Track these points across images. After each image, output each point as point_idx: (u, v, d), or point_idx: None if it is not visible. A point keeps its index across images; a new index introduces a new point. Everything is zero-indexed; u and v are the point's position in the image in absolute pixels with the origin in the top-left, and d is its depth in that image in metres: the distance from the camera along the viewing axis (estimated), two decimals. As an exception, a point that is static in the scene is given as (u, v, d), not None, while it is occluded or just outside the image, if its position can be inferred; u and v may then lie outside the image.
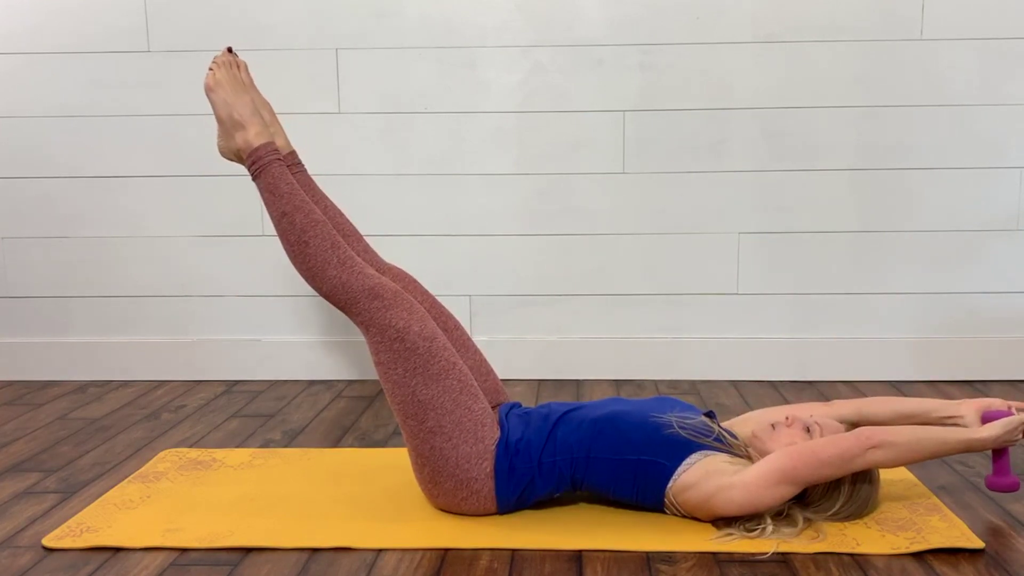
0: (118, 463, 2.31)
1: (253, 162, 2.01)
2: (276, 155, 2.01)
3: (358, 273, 1.93)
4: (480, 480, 1.89)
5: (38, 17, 2.96)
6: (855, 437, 1.78)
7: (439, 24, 2.92)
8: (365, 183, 3.01)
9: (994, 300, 2.97)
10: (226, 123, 2.06)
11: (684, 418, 1.90)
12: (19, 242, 3.08)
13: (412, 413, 1.89)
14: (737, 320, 3.02)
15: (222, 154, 2.12)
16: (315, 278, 1.95)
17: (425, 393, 1.88)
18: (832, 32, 2.87)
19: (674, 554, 1.77)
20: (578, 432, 1.91)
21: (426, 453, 1.89)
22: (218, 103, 2.06)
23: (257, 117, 2.05)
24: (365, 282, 1.92)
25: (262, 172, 2.00)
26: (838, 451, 1.76)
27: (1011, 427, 1.86)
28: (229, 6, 2.93)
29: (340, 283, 1.92)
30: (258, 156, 2.01)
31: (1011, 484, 1.93)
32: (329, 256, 1.93)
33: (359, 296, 1.92)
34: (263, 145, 2.02)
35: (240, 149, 2.05)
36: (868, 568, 1.70)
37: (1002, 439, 1.86)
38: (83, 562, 1.77)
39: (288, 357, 3.09)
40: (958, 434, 1.84)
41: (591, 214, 2.99)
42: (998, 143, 2.90)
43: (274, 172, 1.99)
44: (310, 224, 1.95)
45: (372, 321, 1.91)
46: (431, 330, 1.92)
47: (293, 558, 1.78)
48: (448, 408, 1.88)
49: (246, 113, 2.04)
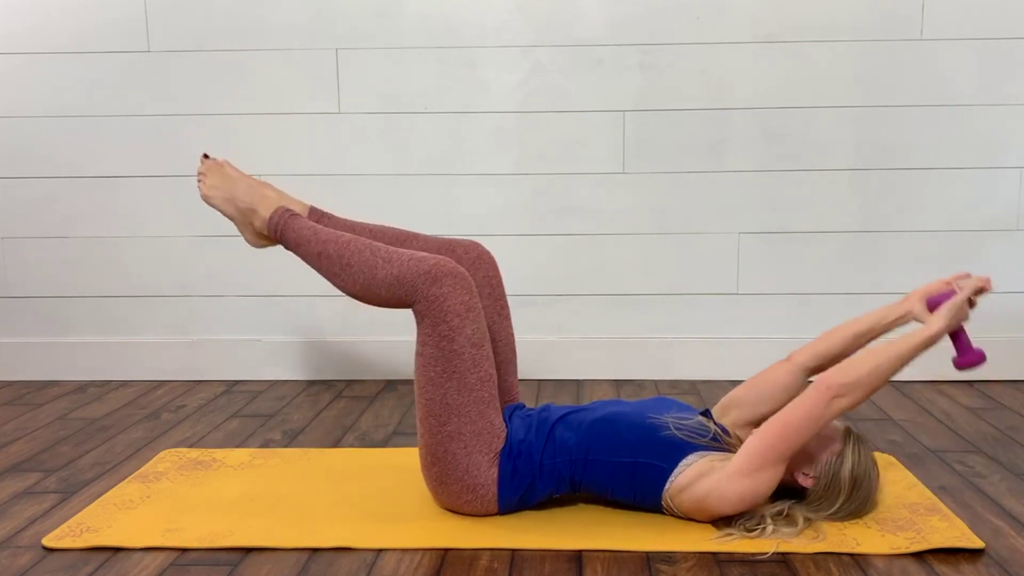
0: (118, 463, 2.31)
1: (273, 231, 2.01)
2: (288, 212, 2.01)
3: (407, 261, 1.87)
4: (486, 486, 1.89)
5: (38, 17, 2.96)
6: (815, 392, 1.76)
7: (439, 24, 2.92)
8: (365, 183, 3.01)
9: (994, 300, 2.97)
10: (238, 217, 2.07)
11: (680, 419, 1.90)
12: (19, 242, 3.08)
13: (436, 414, 1.88)
14: (737, 320, 3.02)
15: (255, 246, 2.11)
16: (371, 290, 1.90)
17: (456, 399, 1.86)
18: (832, 32, 2.87)
19: (674, 554, 1.77)
20: (577, 434, 1.91)
21: (439, 455, 1.88)
22: (221, 204, 2.07)
23: (260, 195, 2.05)
24: (419, 267, 1.86)
25: (283, 234, 2.00)
26: (804, 412, 1.76)
27: (956, 308, 1.85)
28: (229, 6, 2.94)
29: (394, 279, 1.87)
30: (274, 224, 2.01)
31: (977, 357, 1.91)
32: (373, 261, 1.89)
33: (417, 283, 1.85)
34: (274, 212, 2.02)
35: (260, 230, 2.06)
36: (868, 568, 1.70)
37: (953, 323, 1.86)
38: (83, 562, 1.77)
39: (288, 357, 3.09)
40: (912, 339, 1.82)
41: (591, 214, 2.99)
42: (998, 143, 2.90)
43: (292, 227, 1.99)
44: (342, 247, 1.92)
45: (430, 311, 1.85)
46: (481, 335, 1.88)
47: (293, 558, 1.78)
48: (472, 418, 1.87)
49: (248, 198, 2.05)
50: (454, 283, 1.85)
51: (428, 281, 1.84)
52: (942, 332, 1.84)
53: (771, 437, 1.77)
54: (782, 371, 2.03)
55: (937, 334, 1.84)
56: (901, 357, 1.80)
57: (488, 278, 2.07)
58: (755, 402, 2.02)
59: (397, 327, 2.99)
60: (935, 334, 1.84)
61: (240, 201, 2.05)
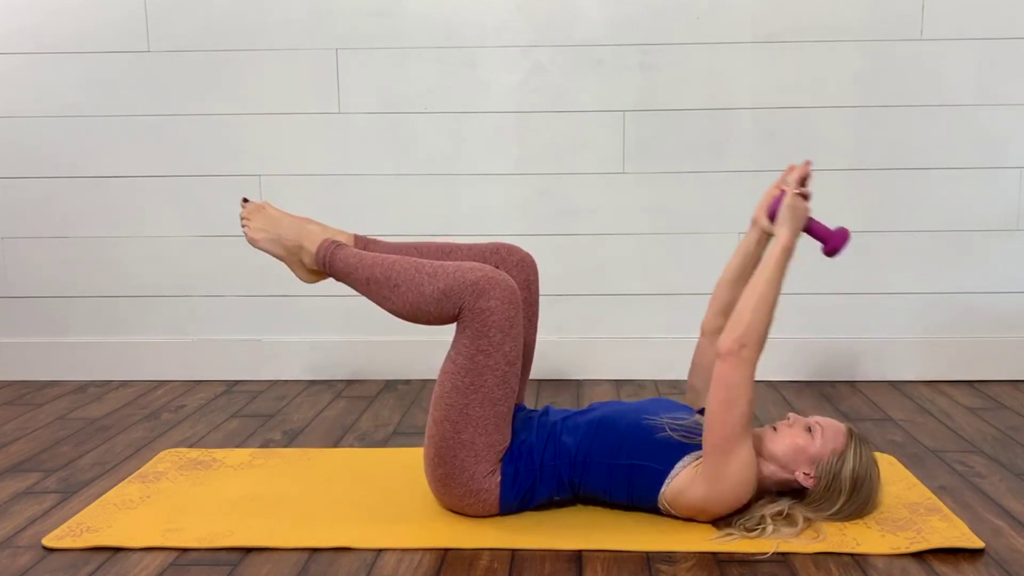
0: (118, 463, 2.31)
1: (321, 264, 1.99)
2: (334, 244, 1.99)
3: (453, 273, 1.85)
4: (489, 490, 1.89)
5: (38, 17, 2.96)
6: (721, 361, 1.77)
7: (439, 24, 2.92)
8: (365, 183, 3.01)
9: (994, 300, 2.97)
10: (286, 256, 2.05)
11: (676, 419, 1.90)
12: (19, 242, 3.08)
13: (454, 420, 1.87)
14: (737, 320, 3.01)
15: (308, 282, 2.09)
16: (420, 308, 1.88)
17: (477, 411, 1.86)
18: (832, 32, 2.87)
19: (674, 554, 1.77)
20: (575, 436, 1.91)
21: (447, 459, 1.88)
22: (268, 246, 2.05)
23: (304, 231, 2.03)
24: (464, 278, 1.84)
25: (331, 265, 1.98)
26: (726, 384, 1.76)
27: (791, 208, 1.86)
28: (229, 6, 2.93)
29: (441, 293, 1.85)
30: (321, 257, 1.99)
31: (840, 237, 1.91)
32: (419, 278, 1.87)
33: (464, 295, 1.83)
34: (320, 245, 2.00)
35: (310, 265, 2.04)
36: (868, 568, 1.70)
37: (796, 223, 1.86)
38: (83, 562, 1.77)
39: (288, 357, 3.09)
40: (770, 259, 1.83)
41: (591, 214, 2.99)
42: (998, 143, 2.90)
43: (339, 257, 1.97)
44: (388, 268, 1.91)
45: (473, 323, 1.83)
46: (517, 353, 1.88)
47: (293, 558, 1.78)
48: (489, 430, 1.87)
49: (293, 235, 2.03)
50: (501, 296, 1.83)
51: (475, 294, 1.83)
52: (791, 236, 1.85)
53: (716, 426, 1.77)
54: (703, 347, 2.08)
55: (787, 240, 1.85)
56: (772, 280, 1.81)
57: (528, 282, 2.07)
58: (704, 385, 2.04)
59: (397, 327, 2.97)
60: (785, 243, 1.85)
61: (286, 240, 2.04)
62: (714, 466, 1.78)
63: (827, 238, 1.92)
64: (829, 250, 1.92)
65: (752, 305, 1.78)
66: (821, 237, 1.92)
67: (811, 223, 1.91)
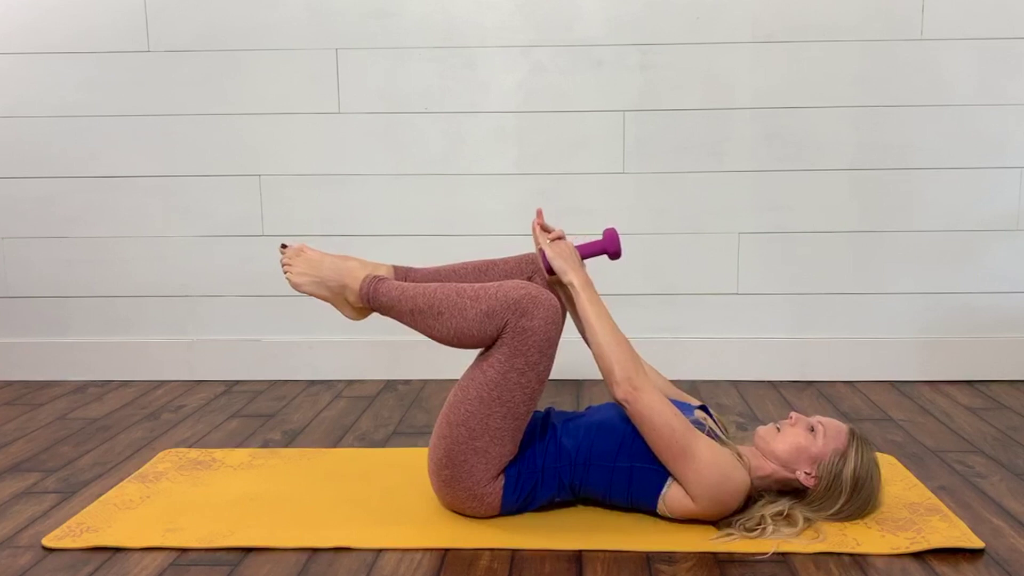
0: (118, 463, 2.31)
1: (366, 300, 1.99)
2: (376, 279, 1.98)
3: (495, 294, 1.85)
4: (493, 494, 1.90)
5: (38, 17, 2.96)
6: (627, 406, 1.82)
7: (439, 24, 2.92)
8: (365, 183, 3.01)
9: (994, 300, 2.97)
10: (332, 297, 2.04)
11: None
12: (19, 242, 3.08)
13: (471, 427, 1.86)
14: (737, 320, 3.02)
15: (356, 319, 2.09)
16: (465, 332, 1.87)
17: (498, 423, 1.86)
18: (832, 32, 2.87)
19: (674, 554, 1.77)
20: (575, 438, 1.91)
21: (457, 463, 1.88)
22: (313, 289, 2.04)
23: (345, 270, 2.02)
24: (508, 297, 1.84)
25: (375, 300, 1.97)
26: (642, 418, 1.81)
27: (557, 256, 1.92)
28: (229, 6, 2.93)
29: (484, 315, 1.85)
30: (364, 294, 1.98)
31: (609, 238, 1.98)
32: (461, 302, 1.87)
33: (507, 316, 1.83)
34: (362, 283, 1.99)
35: (355, 303, 2.03)
36: (868, 568, 1.70)
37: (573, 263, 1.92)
38: (83, 562, 1.77)
39: (288, 357, 3.09)
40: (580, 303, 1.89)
41: (591, 214, 2.99)
42: (998, 143, 2.90)
43: (382, 291, 1.96)
44: (430, 297, 1.90)
45: (514, 341, 1.83)
46: (548, 372, 1.88)
47: (293, 558, 1.78)
48: (504, 441, 1.87)
49: (336, 275, 2.02)
50: (544, 316, 1.84)
51: (518, 313, 1.83)
52: (579, 277, 1.91)
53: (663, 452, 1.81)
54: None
55: (578, 280, 1.91)
56: (599, 315, 1.88)
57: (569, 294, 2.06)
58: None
59: (397, 327, 2.98)
60: (579, 284, 1.90)
61: (330, 281, 2.03)
62: (691, 482, 1.80)
63: (603, 249, 1.99)
64: (612, 255, 2.00)
65: (604, 347, 1.84)
66: (599, 252, 1.99)
67: (582, 250, 1.98)
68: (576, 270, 1.91)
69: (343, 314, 2.08)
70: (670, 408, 1.81)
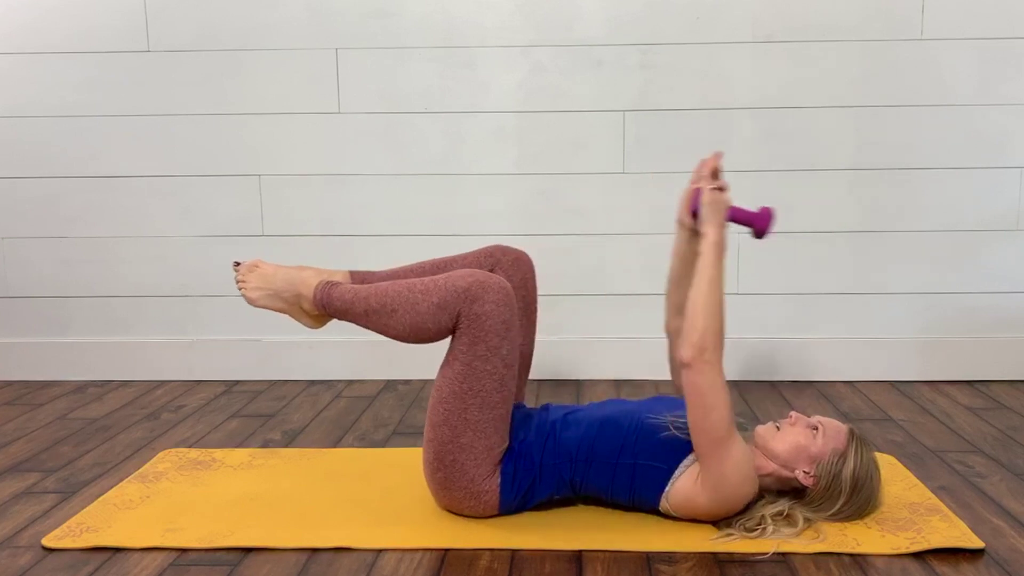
0: (118, 463, 2.31)
1: (320, 307, 2.00)
2: (328, 284, 1.99)
3: (444, 286, 1.86)
4: (489, 492, 1.89)
5: (38, 17, 2.96)
6: (686, 372, 1.77)
7: (439, 24, 2.92)
8: (365, 183, 3.01)
9: (994, 300, 2.97)
10: (288, 308, 2.06)
11: (679, 417, 1.90)
12: (19, 242, 3.08)
13: (452, 425, 1.87)
14: (737, 320, 3.01)
15: (315, 327, 2.09)
16: (420, 327, 1.87)
17: (475, 415, 1.86)
18: (832, 32, 2.87)
19: (674, 554, 1.77)
20: (577, 434, 1.91)
21: (447, 463, 1.88)
22: (268, 302, 2.05)
23: (299, 280, 2.03)
24: (457, 286, 1.84)
25: (328, 305, 1.98)
26: (698, 392, 1.76)
27: (711, 204, 1.86)
28: (229, 6, 2.93)
29: (436, 307, 1.85)
30: (317, 299, 1.99)
31: (766, 215, 1.91)
32: (412, 297, 1.87)
33: (459, 305, 1.84)
34: (316, 289, 2.00)
35: (311, 311, 2.04)
36: (868, 568, 1.70)
37: (718, 216, 1.86)
38: (83, 562, 1.77)
39: (288, 357, 3.09)
40: (705, 259, 1.82)
41: (591, 214, 2.99)
42: (998, 143, 2.90)
43: (334, 296, 1.97)
44: (383, 296, 1.91)
45: (470, 329, 1.84)
46: (514, 355, 1.88)
47: (293, 558, 1.78)
48: (487, 433, 1.87)
49: (289, 285, 2.03)
50: (495, 299, 1.84)
51: (469, 299, 1.83)
52: (719, 231, 1.85)
53: (700, 435, 1.78)
54: (674, 348, 2.08)
55: (715, 236, 1.84)
56: (712, 279, 1.81)
57: (524, 280, 2.08)
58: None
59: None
60: (714, 239, 1.84)
61: (284, 292, 2.04)
62: (711, 473, 1.79)
63: (752, 221, 1.91)
64: (757, 232, 1.92)
65: (700, 309, 1.79)
66: (747, 222, 1.92)
67: (734, 212, 1.91)
68: (718, 225, 1.85)
69: (302, 324, 2.09)
70: (728, 396, 1.78)
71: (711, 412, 1.76)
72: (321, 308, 2.00)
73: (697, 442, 1.79)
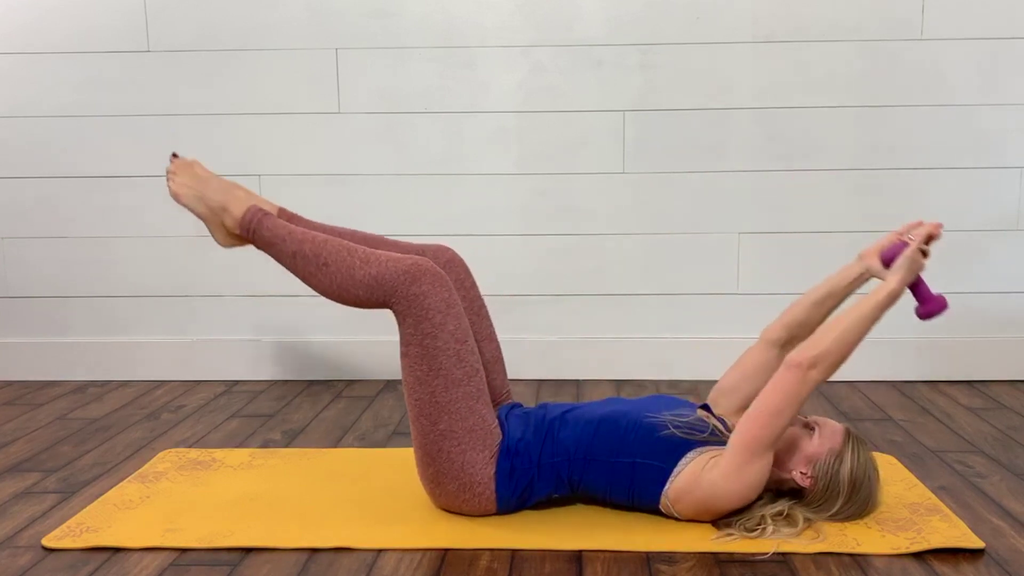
0: (118, 463, 2.31)
1: (246, 230, 2.00)
2: (261, 212, 2.00)
3: (385, 262, 1.88)
4: (483, 484, 1.89)
5: (38, 17, 2.96)
6: (787, 371, 1.76)
7: (439, 24, 2.92)
8: (365, 183, 3.01)
9: (994, 300, 2.97)
10: (208, 216, 2.06)
11: (678, 416, 1.90)
12: (19, 242, 3.08)
13: (427, 413, 1.88)
14: (737, 320, 3.01)
15: (225, 246, 2.10)
16: (349, 290, 1.90)
17: (444, 396, 1.87)
18: (832, 32, 2.87)
19: (674, 554, 1.77)
20: (575, 433, 1.91)
21: (433, 454, 1.89)
22: (191, 203, 2.06)
23: (231, 195, 2.04)
24: (397, 266, 1.87)
25: (257, 232, 1.99)
26: (782, 393, 1.75)
27: (911, 260, 1.84)
28: (229, 6, 2.93)
29: (372, 279, 1.87)
30: (246, 222, 2.00)
31: (939, 305, 1.89)
32: (350, 261, 1.90)
33: (397, 283, 1.86)
34: (246, 211, 2.01)
35: (231, 228, 2.04)
36: (868, 568, 1.70)
37: (910, 275, 1.85)
38: (83, 562, 1.77)
39: (288, 357, 3.09)
40: (873, 298, 1.81)
41: (591, 214, 2.99)
42: (998, 143, 2.90)
43: (266, 225, 1.98)
44: (319, 246, 1.92)
45: (411, 310, 1.86)
46: (464, 331, 1.89)
47: (293, 558, 1.78)
48: (463, 414, 1.87)
49: (219, 197, 2.04)
50: (433, 281, 1.86)
51: (408, 280, 1.86)
52: (902, 286, 1.84)
53: (754, 426, 1.76)
54: (756, 351, 2.05)
55: (897, 288, 1.83)
56: (867, 318, 1.79)
57: (461, 280, 2.09)
58: (737, 387, 2.04)
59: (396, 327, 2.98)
60: (895, 289, 1.83)
61: (211, 200, 2.04)
62: (736, 463, 1.77)
63: (927, 300, 1.91)
64: (924, 313, 1.91)
65: (837, 333, 1.77)
66: (921, 297, 1.91)
67: (919, 280, 1.90)
68: (904, 280, 1.83)
69: (214, 238, 2.08)
70: (795, 415, 1.77)
71: (778, 416, 1.75)
72: (245, 232, 2.00)
73: (746, 430, 1.77)
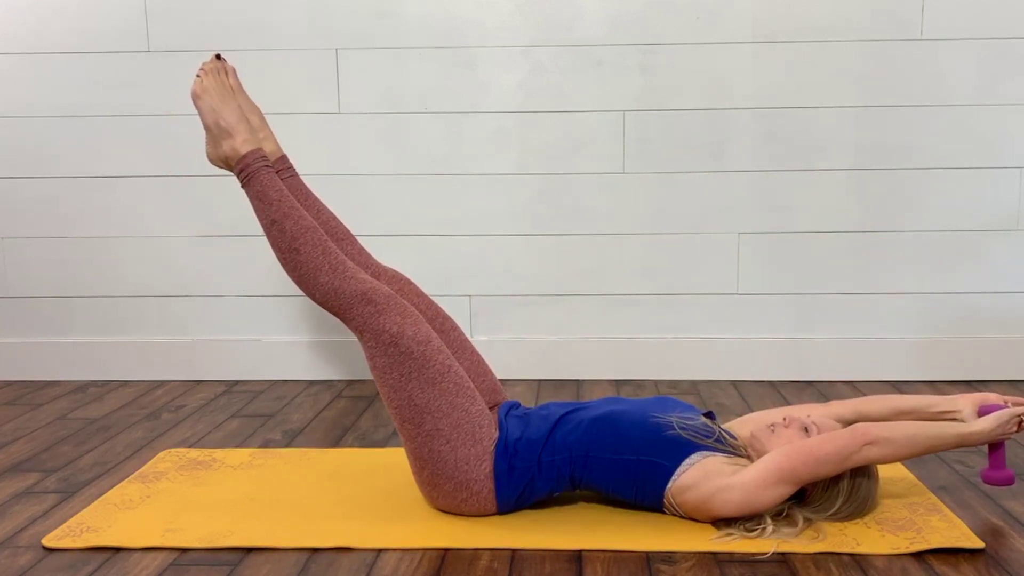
0: (118, 463, 2.31)
1: (241, 169, 2.00)
2: (264, 162, 2.00)
3: (350, 279, 1.92)
4: (479, 481, 1.89)
5: (38, 17, 2.96)
6: (851, 433, 1.78)
7: (439, 24, 2.92)
8: (365, 183, 3.01)
9: (994, 300, 2.97)
10: (213, 130, 2.04)
11: (685, 418, 1.90)
12: (19, 242, 3.08)
13: (409, 417, 1.88)
14: (737, 320, 3.02)
15: (211, 161, 2.09)
16: (307, 284, 1.94)
17: (421, 397, 1.87)
18: (832, 32, 2.87)
19: (674, 554, 1.77)
20: (577, 431, 1.91)
21: (424, 456, 1.89)
22: (205, 110, 2.03)
23: (244, 124, 2.03)
24: (357, 287, 1.91)
25: (250, 180, 1.99)
26: (835, 448, 1.76)
27: (1004, 420, 1.85)
28: (229, 6, 2.93)
29: (332, 289, 1.92)
30: (246, 164, 1.99)
31: (1006, 478, 1.92)
32: (320, 262, 1.92)
33: (352, 302, 1.91)
34: (250, 152, 2.00)
35: (228, 157, 2.03)
36: (868, 568, 1.71)
37: (996, 432, 1.85)
38: (83, 562, 1.77)
39: (288, 357, 3.09)
40: (953, 428, 1.84)
41: (591, 214, 2.99)
42: (998, 143, 2.90)
43: (262, 179, 1.98)
44: (300, 230, 1.94)
45: (366, 327, 1.90)
46: (425, 333, 1.91)
47: (293, 558, 1.78)
48: (445, 411, 1.88)
49: (233, 120, 2.02)
50: (387, 302, 1.91)
51: (362, 301, 1.90)
52: (985, 435, 1.85)
53: (796, 459, 1.77)
54: (817, 410, 2.03)
55: (979, 434, 1.84)
56: (938, 438, 1.81)
57: (420, 300, 2.12)
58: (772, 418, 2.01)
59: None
60: (977, 432, 1.84)
61: (223, 119, 2.02)
62: (761, 479, 1.77)
63: (997, 466, 1.93)
64: (989, 477, 1.94)
65: (908, 434, 1.79)
66: (994, 462, 1.93)
67: (1001, 444, 1.93)
68: (989, 434, 1.84)
69: (206, 147, 2.07)
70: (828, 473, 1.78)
71: (818, 463, 1.76)
72: (238, 173, 2.01)
73: (782, 453, 1.78)
